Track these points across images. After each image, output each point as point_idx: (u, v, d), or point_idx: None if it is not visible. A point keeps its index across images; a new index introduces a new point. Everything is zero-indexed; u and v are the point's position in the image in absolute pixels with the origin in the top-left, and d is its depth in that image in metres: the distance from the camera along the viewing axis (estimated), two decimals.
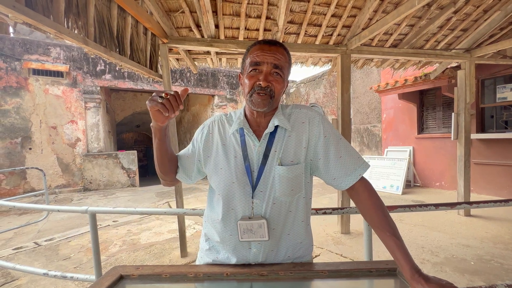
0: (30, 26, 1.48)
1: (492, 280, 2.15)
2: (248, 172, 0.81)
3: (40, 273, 1.74)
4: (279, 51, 0.79)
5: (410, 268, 0.65)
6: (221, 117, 0.91)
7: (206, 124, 0.91)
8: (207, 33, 2.76)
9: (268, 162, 0.81)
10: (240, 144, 0.84)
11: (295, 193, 0.82)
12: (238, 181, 0.81)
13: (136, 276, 0.81)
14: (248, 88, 0.79)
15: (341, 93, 3.15)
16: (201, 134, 0.89)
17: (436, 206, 1.39)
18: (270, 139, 0.82)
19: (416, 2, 2.15)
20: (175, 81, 8.75)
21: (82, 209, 1.62)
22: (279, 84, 0.79)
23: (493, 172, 4.81)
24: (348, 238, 3.16)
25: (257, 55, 0.78)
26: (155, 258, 2.84)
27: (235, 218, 0.82)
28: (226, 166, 0.83)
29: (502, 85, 4.68)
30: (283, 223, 0.82)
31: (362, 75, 7.44)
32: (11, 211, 5.13)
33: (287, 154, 0.81)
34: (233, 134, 0.85)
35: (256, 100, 0.78)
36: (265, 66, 0.77)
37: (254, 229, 0.80)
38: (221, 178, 0.83)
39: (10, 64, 6.59)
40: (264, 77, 0.77)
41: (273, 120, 0.82)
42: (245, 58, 0.82)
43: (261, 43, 0.81)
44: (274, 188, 0.80)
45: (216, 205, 0.87)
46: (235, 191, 0.81)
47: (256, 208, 0.81)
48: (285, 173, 0.79)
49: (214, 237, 0.87)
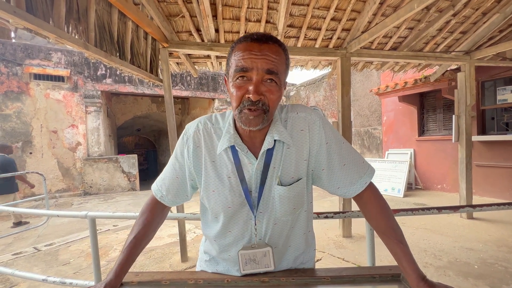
0: (31, 31, 1.48)
1: (497, 284, 2.12)
2: (247, 195, 0.70)
3: (39, 279, 1.72)
4: (272, 49, 0.61)
5: (416, 275, 0.63)
6: (206, 124, 0.75)
7: (189, 135, 0.74)
8: (207, 37, 2.77)
9: (267, 181, 0.70)
10: (233, 163, 0.70)
11: (297, 210, 0.75)
12: (235, 204, 0.71)
13: (135, 283, 0.80)
14: (235, 101, 0.63)
15: (341, 96, 3.15)
16: (187, 149, 0.74)
17: (439, 209, 1.37)
18: (267, 155, 0.70)
19: (415, 5, 2.16)
20: (176, 85, 8.78)
21: (82, 214, 1.61)
22: (274, 94, 0.63)
23: (495, 174, 4.78)
24: (350, 241, 3.13)
25: (243, 57, 0.61)
26: (155, 263, 2.81)
27: (234, 240, 0.75)
28: (220, 188, 0.71)
29: (502, 87, 4.67)
30: (284, 240, 0.77)
31: (362, 78, 7.46)
32: (11, 216, 5.11)
33: (287, 170, 0.71)
34: (225, 150, 0.71)
35: (247, 118, 0.62)
36: (254, 73, 0.60)
37: (257, 258, 0.73)
38: (215, 201, 0.72)
39: (11, 69, 6.63)
40: (255, 88, 0.60)
41: (271, 134, 0.69)
42: (229, 58, 0.65)
43: (247, 40, 0.62)
44: (274, 209, 0.72)
45: (211, 224, 0.79)
46: (233, 214, 0.72)
47: (257, 230, 0.73)
48: (286, 193, 0.70)
49: (212, 252, 0.83)
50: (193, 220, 2.84)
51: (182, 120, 12.39)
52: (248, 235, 0.74)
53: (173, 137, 2.75)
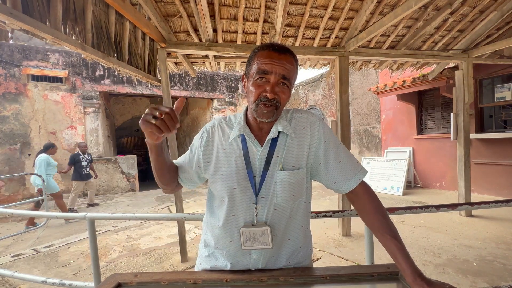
0: (27, 32, 1.48)
1: (496, 281, 2.13)
2: (250, 177, 0.80)
3: (38, 280, 1.72)
4: (288, 60, 0.76)
5: (412, 272, 0.64)
6: (221, 121, 0.89)
7: (206, 130, 0.89)
8: (205, 37, 2.77)
9: (270, 167, 0.79)
10: (242, 149, 0.82)
11: (296, 198, 0.81)
12: (240, 186, 0.79)
13: (134, 283, 0.80)
14: (253, 97, 0.77)
15: (339, 95, 3.15)
16: (200, 140, 0.87)
17: (437, 207, 1.38)
18: (272, 144, 0.81)
19: (413, 3, 2.16)
20: (174, 85, 8.76)
21: (81, 215, 1.61)
22: (285, 94, 0.77)
23: (494, 172, 4.80)
24: (350, 240, 3.14)
25: (265, 62, 0.74)
26: (155, 263, 2.81)
27: (236, 224, 0.81)
28: (227, 170, 0.81)
29: (500, 84, 4.69)
30: (284, 229, 0.82)
31: (361, 76, 7.46)
32: (10, 217, 5.10)
33: (289, 160, 0.80)
34: (234, 139, 0.83)
35: (262, 111, 0.76)
36: (273, 76, 0.74)
37: (257, 236, 0.78)
38: (222, 183, 0.81)
39: (9, 70, 6.60)
40: (271, 88, 0.74)
41: (276, 126, 0.81)
42: (252, 62, 0.78)
43: (270, 49, 0.76)
44: (276, 193, 0.79)
45: (216, 210, 0.85)
46: (237, 196, 0.80)
47: (258, 215, 0.80)
48: (287, 178, 0.78)
49: (213, 243, 0.86)
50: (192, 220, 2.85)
51: (181, 120, 12.38)
52: (250, 219, 0.80)
53: (172, 137, 2.74)
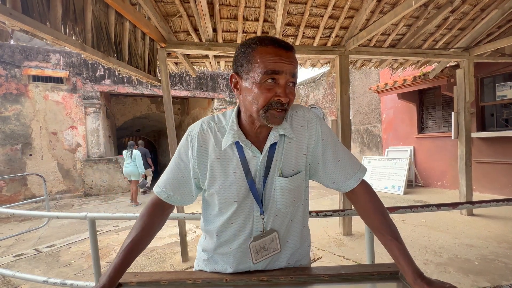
0: (27, 33, 1.48)
1: (497, 281, 2.12)
2: (253, 189, 0.74)
3: (39, 280, 1.72)
4: (294, 56, 0.68)
5: (413, 272, 0.64)
6: (209, 123, 0.78)
7: (194, 135, 0.77)
8: (205, 37, 2.76)
9: (270, 173, 0.74)
10: (239, 158, 0.74)
11: (296, 203, 0.78)
12: (240, 198, 0.74)
13: (134, 283, 0.80)
14: (263, 101, 0.66)
15: (340, 94, 3.15)
16: (192, 149, 0.76)
17: (438, 206, 1.38)
18: (271, 148, 0.74)
19: (413, 2, 2.15)
20: (175, 85, 8.77)
21: (81, 215, 1.61)
22: (293, 95, 0.69)
23: (495, 170, 4.78)
24: (350, 239, 3.13)
25: (274, 61, 0.64)
26: (156, 263, 2.82)
27: (236, 231, 0.77)
28: (225, 183, 0.74)
29: (501, 83, 4.67)
30: (284, 232, 0.80)
31: (361, 75, 7.44)
32: (11, 218, 5.12)
33: (288, 163, 0.75)
34: (229, 145, 0.75)
35: (274, 117, 0.67)
36: (284, 77, 0.65)
37: (266, 245, 0.76)
38: (220, 197, 0.75)
39: (10, 71, 6.62)
40: (284, 91, 0.66)
41: (276, 129, 0.74)
42: (251, 60, 0.66)
43: (275, 45, 0.66)
44: (275, 200, 0.75)
45: (214, 219, 0.80)
46: (238, 209, 0.75)
47: (260, 223, 0.76)
48: (286, 185, 0.74)
49: (211, 248, 0.83)
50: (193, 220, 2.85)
51: (181, 120, 12.38)
52: (250, 226, 0.76)
53: (172, 137, 2.75)
